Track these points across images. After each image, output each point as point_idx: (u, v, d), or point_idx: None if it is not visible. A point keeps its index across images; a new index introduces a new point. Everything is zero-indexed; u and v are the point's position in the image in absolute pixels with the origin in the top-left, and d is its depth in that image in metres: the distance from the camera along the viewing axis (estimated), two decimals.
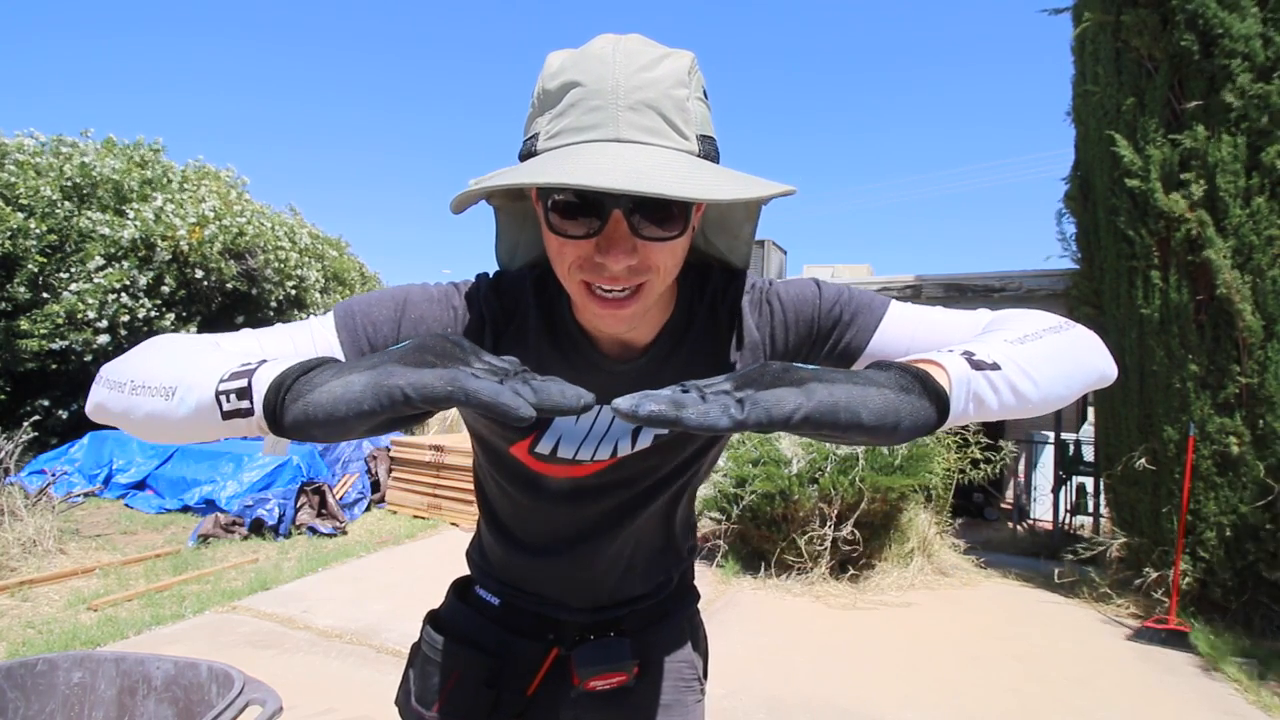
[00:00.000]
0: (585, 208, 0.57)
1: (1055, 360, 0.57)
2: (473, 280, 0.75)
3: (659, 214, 0.57)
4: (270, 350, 0.63)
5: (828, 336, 0.74)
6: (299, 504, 5.19)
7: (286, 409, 0.46)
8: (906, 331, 0.70)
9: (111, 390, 0.57)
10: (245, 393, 0.48)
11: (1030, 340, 0.58)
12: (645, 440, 0.75)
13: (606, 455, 0.74)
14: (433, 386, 0.41)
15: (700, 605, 0.96)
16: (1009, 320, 0.64)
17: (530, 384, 0.42)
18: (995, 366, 0.52)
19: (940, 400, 0.47)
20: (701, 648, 0.94)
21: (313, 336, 0.66)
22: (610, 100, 0.55)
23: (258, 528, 4.92)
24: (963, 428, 4.58)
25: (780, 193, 0.55)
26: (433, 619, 0.88)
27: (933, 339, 0.70)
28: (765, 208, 0.72)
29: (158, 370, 0.55)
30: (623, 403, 0.41)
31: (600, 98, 0.55)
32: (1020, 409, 0.55)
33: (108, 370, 0.59)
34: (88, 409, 0.61)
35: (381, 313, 0.68)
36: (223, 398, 0.49)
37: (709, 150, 0.60)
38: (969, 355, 0.52)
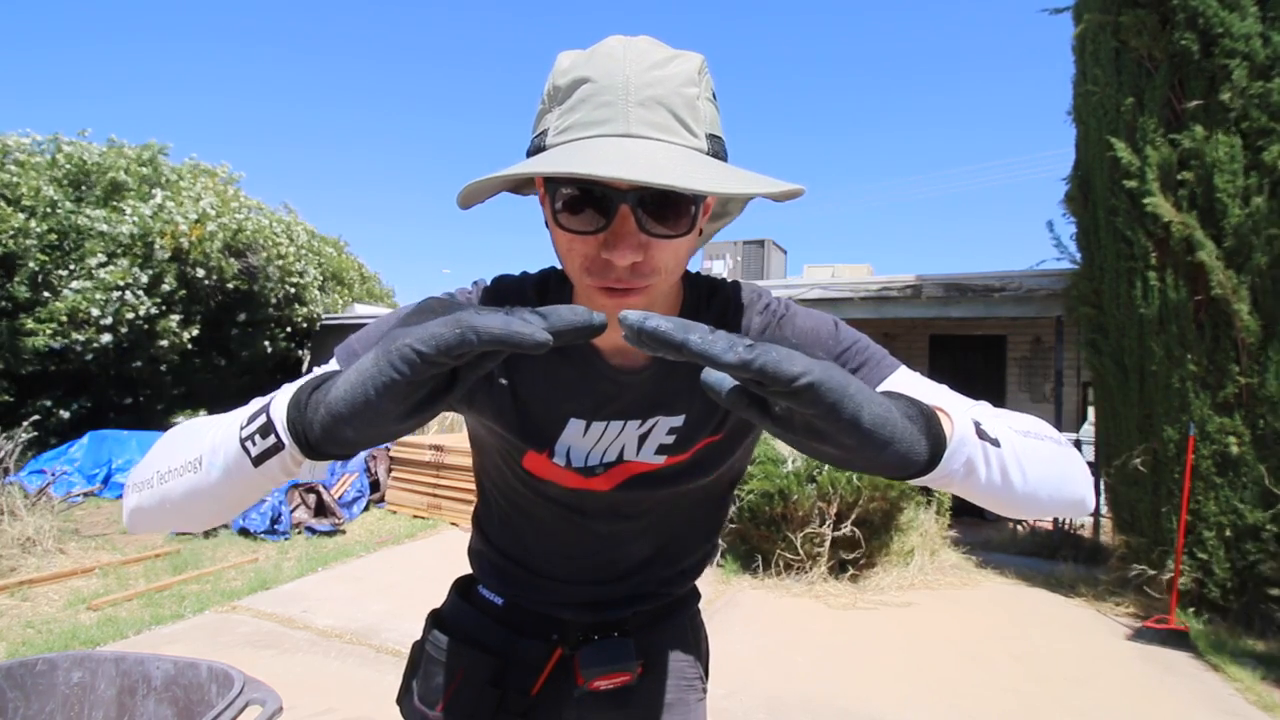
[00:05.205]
0: (592, 202, 0.56)
1: (1049, 465, 0.57)
2: (469, 288, 0.75)
3: (667, 210, 0.57)
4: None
5: None
6: (293, 504, 5.19)
7: (311, 423, 0.45)
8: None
9: (142, 491, 0.58)
10: (268, 429, 0.48)
11: (1032, 438, 0.57)
12: (649, 451, 0.74)
13: (614, 458, 0.74)
14: (440, 334, 0.39)
15: (700, 605, 0.96)
16: (1013, 414, 0.64)
17: (539, 312, 0.40)
18: (996, 443, 0.52)
19: (937, 446, 0.46)
20: (703, 647, 0.94)
21: None
22: (620, 96, 0.55)
23: (248, 530, 4.92)
24: None
25: (788, 191, 0.54)
26: (435, 618, 0.88)
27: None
28: (766, 206, 0.71)
29: (179, 452, 0.56)
30: (632, 313, 0.39)
31: (610, 93, 0.55)
32: (1001, 496, 0.54)
33: (132, 478, 0.60)
34: (126, 523, 0.61)
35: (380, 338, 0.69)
36: (248, 444, 0.49)
37: (718, 149, 0.59)
38: (977, 422, 0.51)
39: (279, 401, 0.49)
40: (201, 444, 0.54)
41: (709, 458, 0.77)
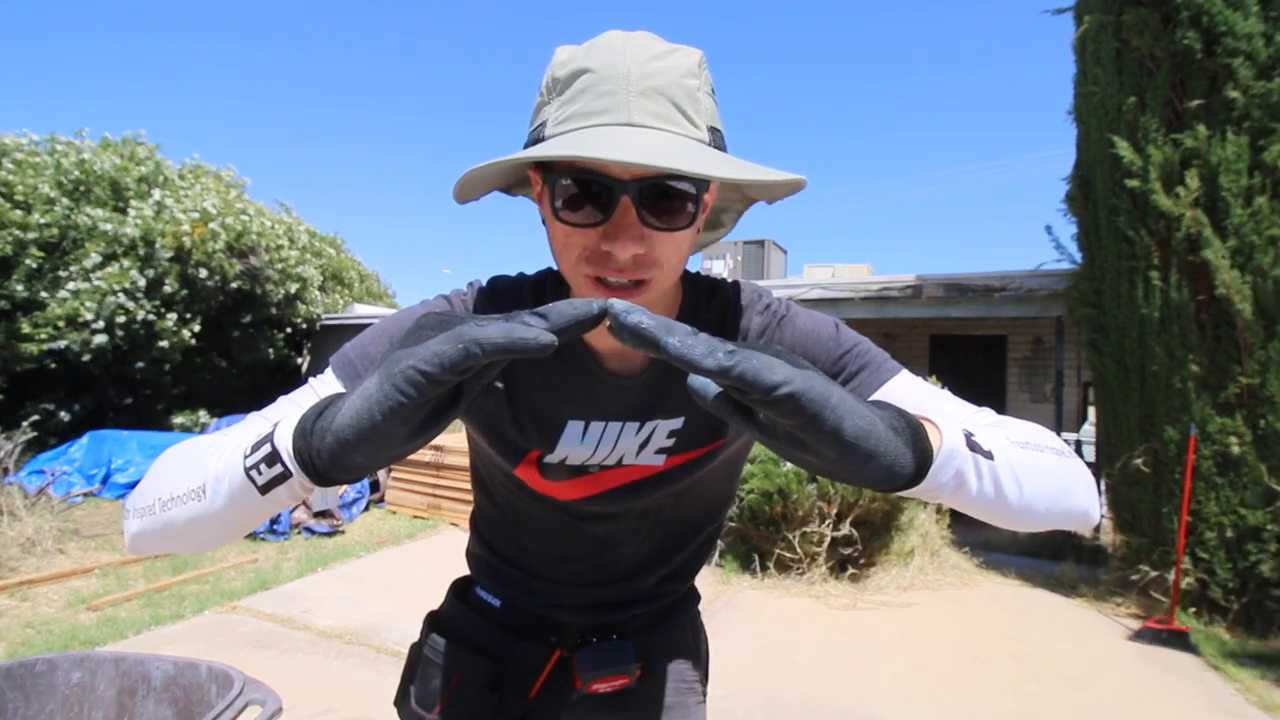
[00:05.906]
0: (592, 195, 0.55)
1: (1047, 477, 0.55)
2: (464, 290, 0.74)
3: (668, 204, 0.56)
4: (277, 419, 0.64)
5: None
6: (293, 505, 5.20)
7: (318, 452, 0.45)
8: (909, 403, 0.67)
9: (143, 518, 0.56)
10: (274, 458, 0.48)
11: (1031, 449, 0.56)
12: (649, 453, 0.73)
13: (614, 461, 0.73)
14: (443, 352, 0.39)
15: (700, 606, 0.95)
16: (1015, 423, 0.62)
17: (537, 313, 0.40)
18: (989, 456, 0.50)
19: (923, 458, 0.45)
20: (703, 649, 0.93)
21: (315, 393, 0.65)
22: (621, 85, 0.54)
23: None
24: None
25: (792, 181, 0.53)
26: (433, 620, 0.87)
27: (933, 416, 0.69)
28: (765, 205, 0.71)
29: (179, 478, 0.55)
30: (618, 303, 0.40)
31: (611, 83, 0.54)
32: (996, 509, 0.53)
33: (131, 502, 0.58)
34: (128, 546, 0.59)
35: (376, 348, 0.67)
36: (253, 473, 0.49)
37: (718, 141, 0.59)
38: (969, 434, 0.50)
39: (283, 429, 0.48)
40: (204, 472, 0.53)
41: (709, 459, 0.76)
